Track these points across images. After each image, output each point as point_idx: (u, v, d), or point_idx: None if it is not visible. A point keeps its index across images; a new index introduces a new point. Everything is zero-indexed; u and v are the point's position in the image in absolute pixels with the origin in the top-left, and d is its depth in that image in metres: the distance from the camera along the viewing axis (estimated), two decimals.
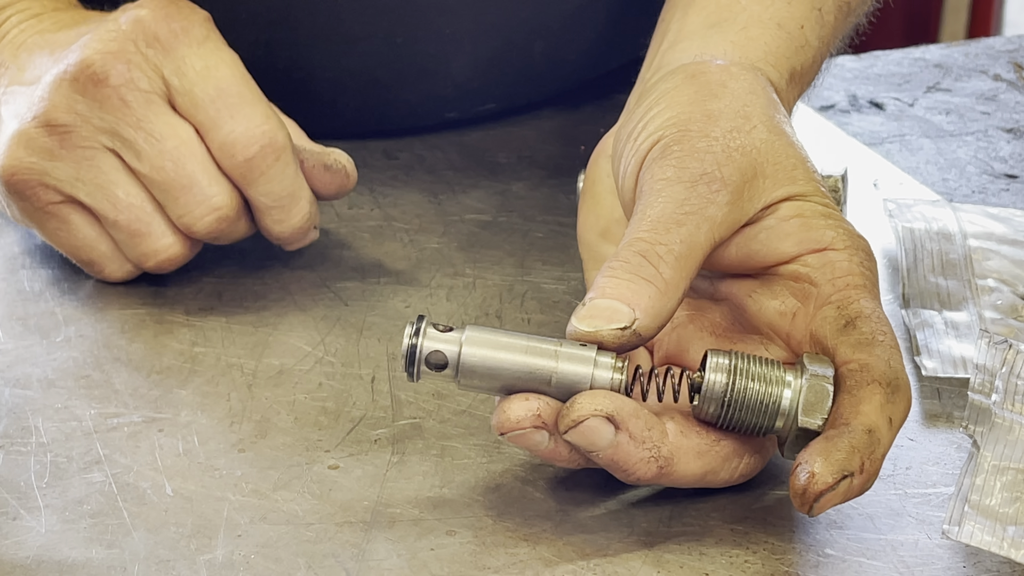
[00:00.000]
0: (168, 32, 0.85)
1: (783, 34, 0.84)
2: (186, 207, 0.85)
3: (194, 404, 0.81)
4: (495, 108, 1.08)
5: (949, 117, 1.14)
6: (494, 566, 0.70)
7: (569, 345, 0.70)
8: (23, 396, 0.81)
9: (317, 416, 0.80)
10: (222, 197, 0.85)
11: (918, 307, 0.89)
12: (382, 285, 0.92)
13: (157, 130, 0.84)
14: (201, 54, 0.85)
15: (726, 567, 0.71)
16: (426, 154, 1.06)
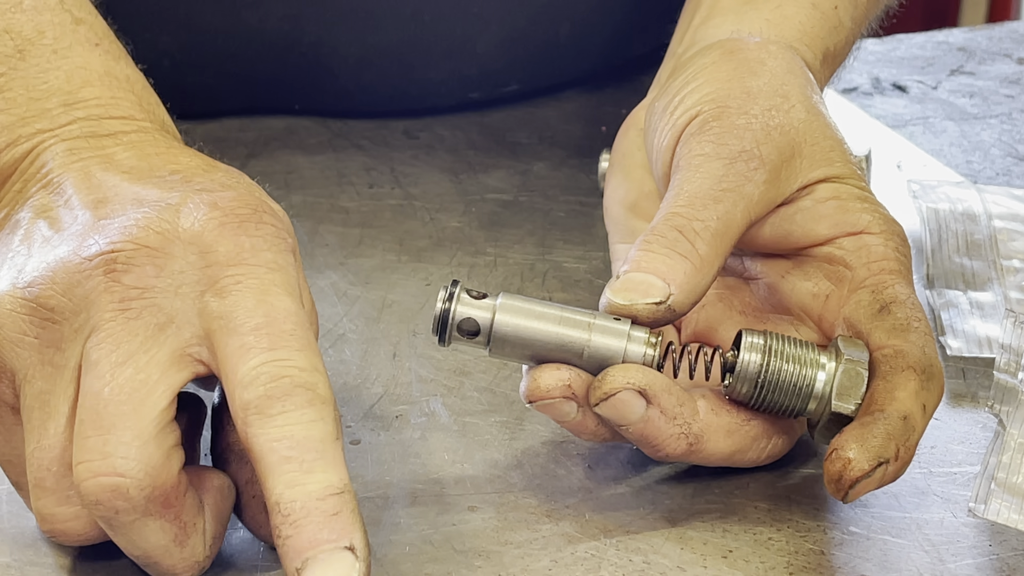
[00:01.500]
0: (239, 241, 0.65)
1: (817, 14, 0.83)
2: (85, 452, 0.62)
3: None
4: (518, 89, 1.08)
5: (973, 100, 1.13)
6: (516, 542, 0.70)
7: (603, 318, 0.70)
8: None
9: (339, 392, 0.80)
10: (134, 464, 0.61)
11: (943, 287, 0.88)
12: (403, 263, 0.92)
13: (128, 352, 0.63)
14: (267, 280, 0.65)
15: (750, 544, 0.70)
16: (447, 134, 1.05)
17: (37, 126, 0.70)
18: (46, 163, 0.69)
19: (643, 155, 0.81)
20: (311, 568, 0.61)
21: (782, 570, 0.69)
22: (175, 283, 0.64)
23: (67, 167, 0.69)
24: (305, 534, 0.61)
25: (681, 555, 0.69)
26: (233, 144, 1.03)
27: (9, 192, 0.69)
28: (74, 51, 0.72)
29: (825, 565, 0.69)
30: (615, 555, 0.69)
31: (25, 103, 0.70)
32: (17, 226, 0.68)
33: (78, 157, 0.69)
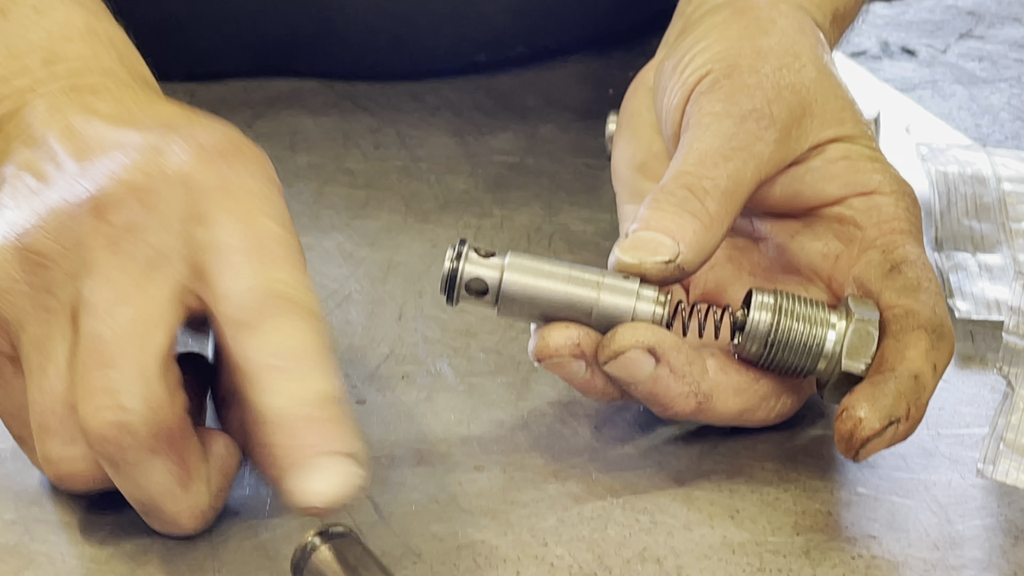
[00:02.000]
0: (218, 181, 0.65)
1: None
2: (89, 389, 0.61)
3: None
4: (525, 51, 1.07)
5: (982, 64, 1.12)
6: (522, 501, 0.70)
7: (612, 276, 0.70)
8: None
9: (344, 352, 0.80)
10: (136, 399, 0.61)
11: (951, 250, 0.88)
12: (409, 225, 0.91)
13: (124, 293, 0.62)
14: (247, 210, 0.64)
15: (757, 504, 0.70)
16: (453, 96, 1.05)
17: (16, 84, 0.70)
18: (28, 119, 0.69)
19: (652, 115, 0.80)
20: (309, 475, 0.59)
21: (789, 530, 0.68)
22: (164, 219, 0.63)
23: (49, 122, 0.68)
24: (300, 439, 0.60)
25: (688, 515, 0.69)
26: (238, 106, 1.02)
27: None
28: (56, 9, 0.72)
29: (832, 525, 0.69)
30: (621, 515, 0.69)
31: (5, 62, 0.70)
32: (2, 182, 0.67)
33: (59, 111, 0.68)
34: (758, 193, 0.74)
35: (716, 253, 0.73)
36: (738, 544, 0.68)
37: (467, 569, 0.65)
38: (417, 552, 0.66)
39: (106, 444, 0.61)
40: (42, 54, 0.71)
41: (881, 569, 0.66)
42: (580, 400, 0.76)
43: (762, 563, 0.66)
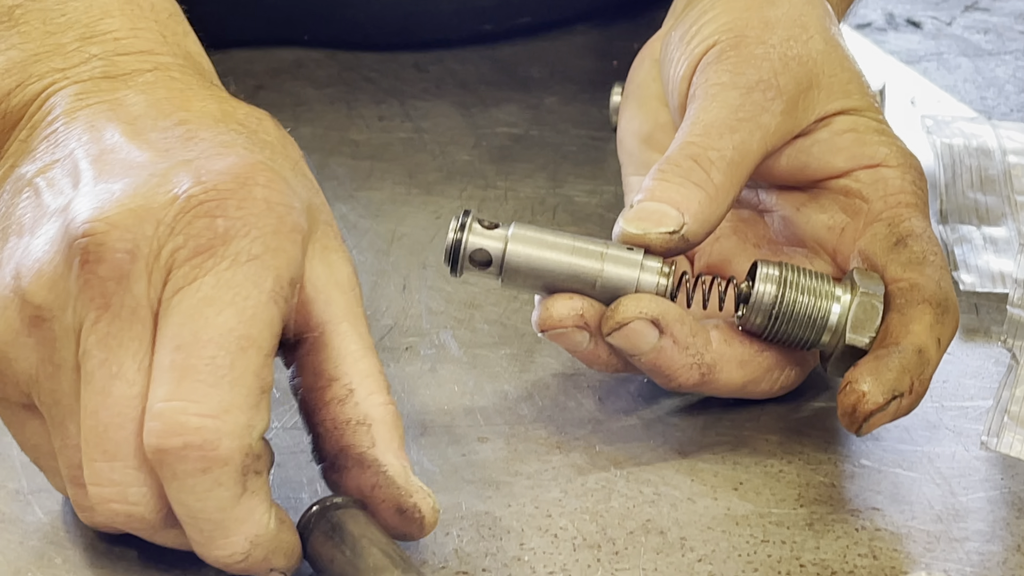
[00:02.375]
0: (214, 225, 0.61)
1: None
2: (96, 477, 0.60)
3: None
4: (530, 22, 1.07)
5: (987, 36, 1.12)
6: (526, 472, 0.70)
7: (616, 247, 0.70)
8: None
9: None
10: (139, 492, 0.60)
11: (956, 222, 0.88)
12: (412, 196, 0.91)
13: (117, 358, 0.60)
14: (229, 276, 0.60)
15: (760, 476, 0.70)
16: (457, 67, 1.05)
17: (50, 64, 0.68)
18: (53, 108, 0.67)
19: (658, 86, 0.80)
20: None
21: (793, 502, 0.68)
22: (147, 266, 0.60)
23: (73, 116, 0.66)
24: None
25: (691, 487, 0.69)
26: (242, 75, 1.02)
27: (15, 141, 0.67)
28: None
29: (836, 497, 0.69)
30: (625, 486, 0.69)
31: (40, 37, 0.68)
32: (19, 188, 0.65)
33: (85, 103, 0.66)
34: (764, 165, 0.74)
35: (721, 225, 0.73)
36: (741, 516, 0.68)
37: (470, 540, 0.66)
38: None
39: (122, 528, 0.61)
40: (80, 30, 0.68)
41: (884, 541, 0.66)
42: (584, 372, 0.76)
43: (765, 534, 0.66)
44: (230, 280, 0.60)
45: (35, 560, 0.64)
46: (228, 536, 0.59)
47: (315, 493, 0.66)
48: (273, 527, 0.60)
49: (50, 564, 0.63)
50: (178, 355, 0.59)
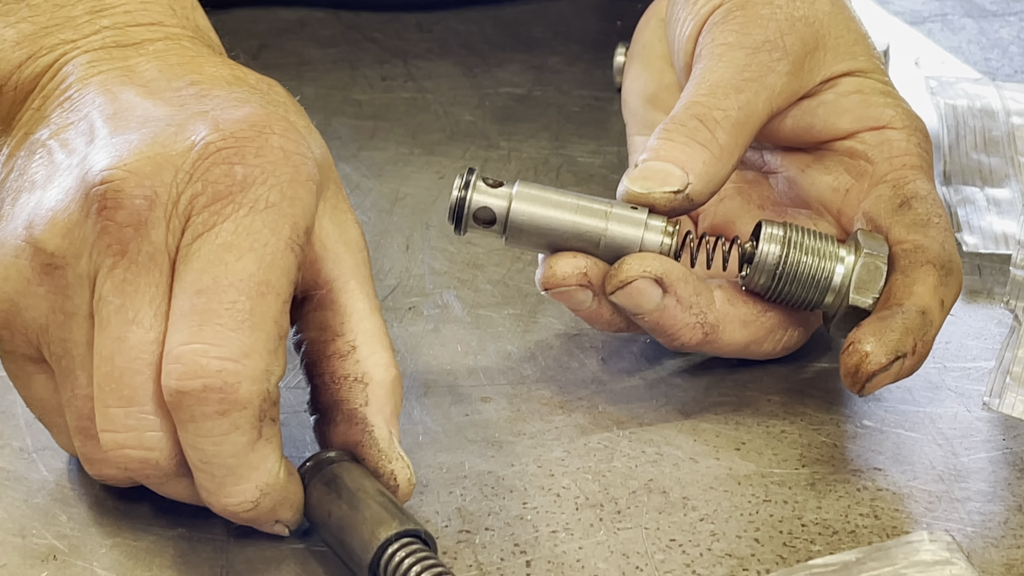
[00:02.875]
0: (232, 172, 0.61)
1: None
2: (111, 424, 0.60)
3: None
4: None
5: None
6: (529, 432, 0.70)
7: (620, 206, 0.69)
8: None
9: None
10: (155, 437, 0.60)
11: (960, 184, 0.88)
12: (416, 156, 0.91)
13: (134, 304, 0.60)
14: (248, 222, 0.60)
15: (763, 437, 0.70)
16: (461, 28, 1.04)
17: (61, 36, 0.67)
18: (66, 77, 0.66)
19: (664, 46, 0.80)
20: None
21: (795, 462, 0.69)
22: (165, 213, 0.60)
23: (86, 82, 0.65)
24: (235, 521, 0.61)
25: (694, 447, 0.69)
26: (244, 36, 1.02)
27: (28, 110, 0.67)
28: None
29: (838, 457, 0.69)
30: (628, 446, 0.69)
31: (50, 10, 0.68)
32: (33, 151, 0.65)
33: (98, 70, 0.66)
34: (769, 126, 0.74)
35: (725, 185, 0.73)
36: (744, 476, 0.68)
37: (473, 499, 0.66)
38: (424, 482, 0.67)
39: (133, 475, 0.61)
40: (89, 3, 0.68)
41: (886, 501, 0.66)
42: (587, 332, 0.76)
43: (767, 494, 0.67)
44: (249, 227, 0.60)
45: (40, 518, 0.64)
46: (239, 483, 0.60)
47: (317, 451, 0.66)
48: (283, 477, 0.61)
49: (55, 521, 0.64)
50: (199, 300, 0.59)
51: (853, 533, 0.65)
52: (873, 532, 0.65)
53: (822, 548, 0.64)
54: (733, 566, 0.63)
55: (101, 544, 0.63)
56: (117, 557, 0.62)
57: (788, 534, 0.65)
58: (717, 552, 0.63)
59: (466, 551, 0.63)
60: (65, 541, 0.63)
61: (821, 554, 0.63)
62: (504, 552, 0.63)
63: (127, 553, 0.62)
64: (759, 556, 0.63)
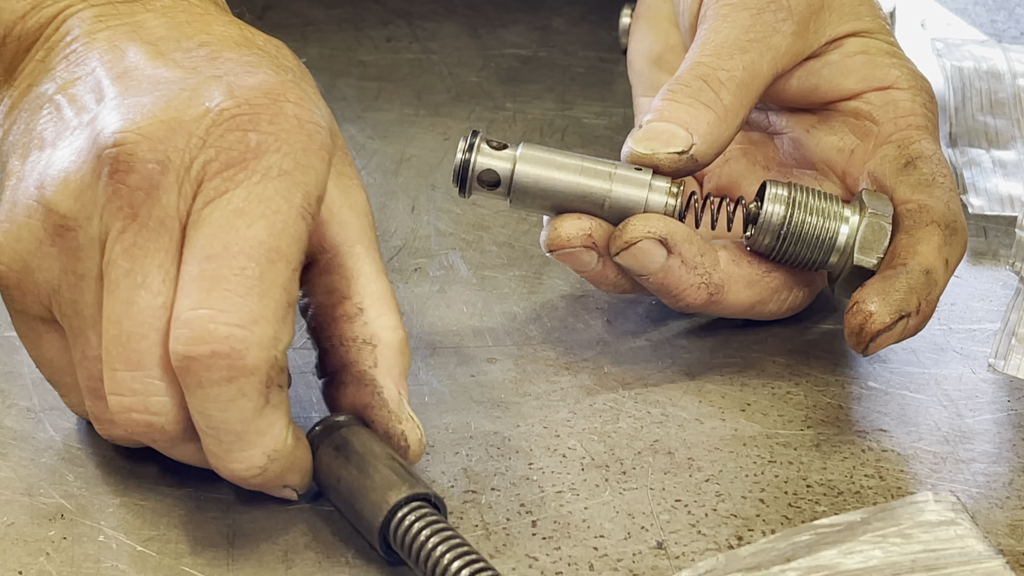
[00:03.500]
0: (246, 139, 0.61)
1: None
2: (118, 387, 0.60)
3: None
4: None
5: None
6: (534, 393, 0.70)
7: (624, 168, 0.69)
8: None
9: None
10: (161, 402, 0.60)
11: (965, 145, 0.88)
12: (421, 118, 0.91)
13: (143, 269, 0.60)
14: (260, 189, 0.60)
15: (768, 398, 0.70)
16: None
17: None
18: (71, 30, 0.66)
19: (669, 7, 0.80)
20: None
21: (800, 423, 0.69)
22: (177, 178, 0.60)
23: (92, 36, 0.65)
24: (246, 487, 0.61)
25: (699, 408, 0.70)
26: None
27: (31, 62, 0.66)
28: None
29: (843, 419, 0.69)
30: (633, 407, 0.70)
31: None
32: (39, 105, 0.64)
33: (105, 25, 0.65)
34: (774, 87, 0.73)
35: (730, 147, 0.73)
36: (749, 437, 0.68)
37: (479, 459, 0.66)
38: (430, 443, 0.67)
39: (140, 438, 0.61)
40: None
41: (891, 462, 0.67)
42: (592, 294, 0.77)
43: (773, 455, 0.67)
44: (261, 194, 0.60)
45: (48, 477, 0.64)
46: (247, 449, 0.60)
47: (324, 412, 0.66)
48: (291, 443, 0.61)
49: (63, 481, 0.64)
50: (208, 265, 0.59)
51: (858, 494, 0.65)
52: (878, 493, 0.65)
53: (827, 509, 0.64)
54: (738, 526, 0.63)
55: (108, 503, 0.63)
56: (124, 516, 0.62)
57: (793, 495, 0.65)
58: (722, 512, 0.64)
59: (472, 511, 0.63)
60: (72, 500, 0.63)
61: (826, 515, 0.64)
62: (510, 512, 0.63)
63: (134, 512, 0.62)
64: (764, 516, 0.64)
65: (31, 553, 0.60)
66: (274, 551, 0.61)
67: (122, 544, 0.61)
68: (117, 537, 0.61)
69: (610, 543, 0.62)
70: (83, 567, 0.60)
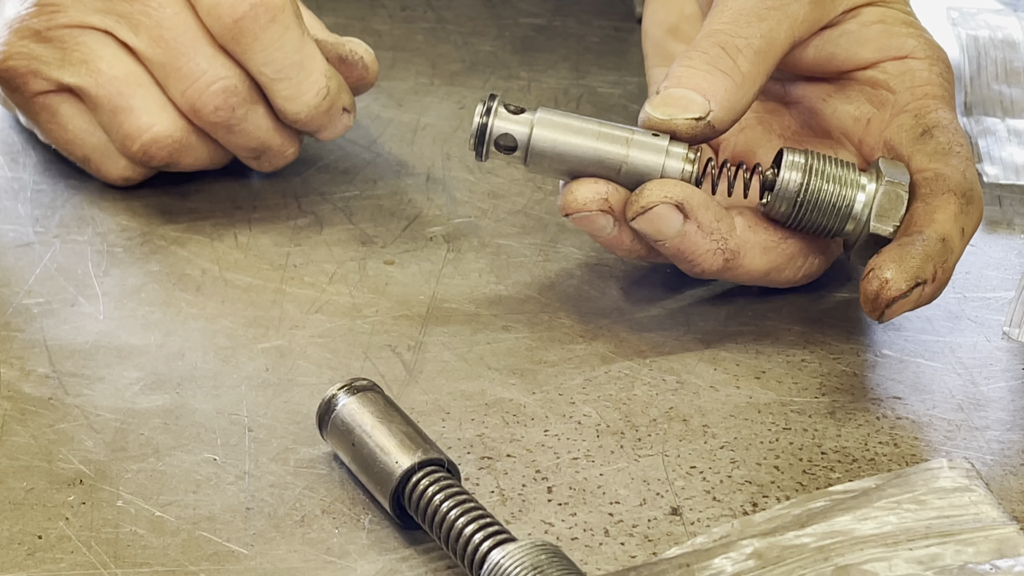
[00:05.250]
0: None
1: None
2: (189, 79, 0.76)
3: (250, 199, 0.80)
4: None
5: None
6: (550, 360, 0.70)
7: (641, 133, 0.69)
8: (79, 187, 0.80)
9: (372, 213, 0.80)
10: (223, 69, 0.76)
11: (980, 115, 0.88)
12: (435, 87, 0.91)
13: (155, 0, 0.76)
14: None
15: (783, 366, 0.71)
16: None
17: None
18: None
19: None
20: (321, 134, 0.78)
21: (815, 391, 0.69)
22: None
23: None
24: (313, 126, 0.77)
25: (714, 375, 0.70)
26: None
27: None
28: None
29: (857, 386, 0.69)
30: (648, 374, 0.70)
31: None
32: None
33: None
34: (791, 55, 0.73)
35: (747, 115, 0.73)
36: (764, 404, 0.68)
37: (495, 426, 0.66)
38: (446, 409, 0.67)
39: (220, 111, 0.76)
40: None
41: (905, 429, 0.67)
42: (608, 261, 0.77)
43: (787, 422, 0.67)
44: None
45: (66, 443, 0.64)
46: (311, 74, 0.76)
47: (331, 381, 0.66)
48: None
49: (81, 447, 0.64)
50: None
51: (872, 461, 0.65)
52: (892, 460, 0.65)
53: (842, 476, 0.64)
54: (753, 492, 0.63)
55: (126, 469, 0.63)
56: (142, 482, 0.63)
57: (808, 462, 0.65)
58: (737, 479, 0.64)
59: (488, 478, 0.64)
60: (91, 466, 0.63)
61: (840, 481, 0.64)
62: (526, 479, 0.64)
63: (152, 478, 0.63)
64: (779, 483, 0.64)
65: (50, 518, 0.61)
66: (291, 516, 0.61)
67: (140, 509, 0.61)
68: (135, 502, 0.62)
69: (625, 509, 0.62)
70: (102, 532, 0.60)
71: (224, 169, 0.81)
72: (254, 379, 0.68)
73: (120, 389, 0.67)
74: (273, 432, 0.65)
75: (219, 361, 0.69)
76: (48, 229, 0.77)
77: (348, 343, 0.71)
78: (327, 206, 0.80)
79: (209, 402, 0.67)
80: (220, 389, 0.68)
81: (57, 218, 0.78)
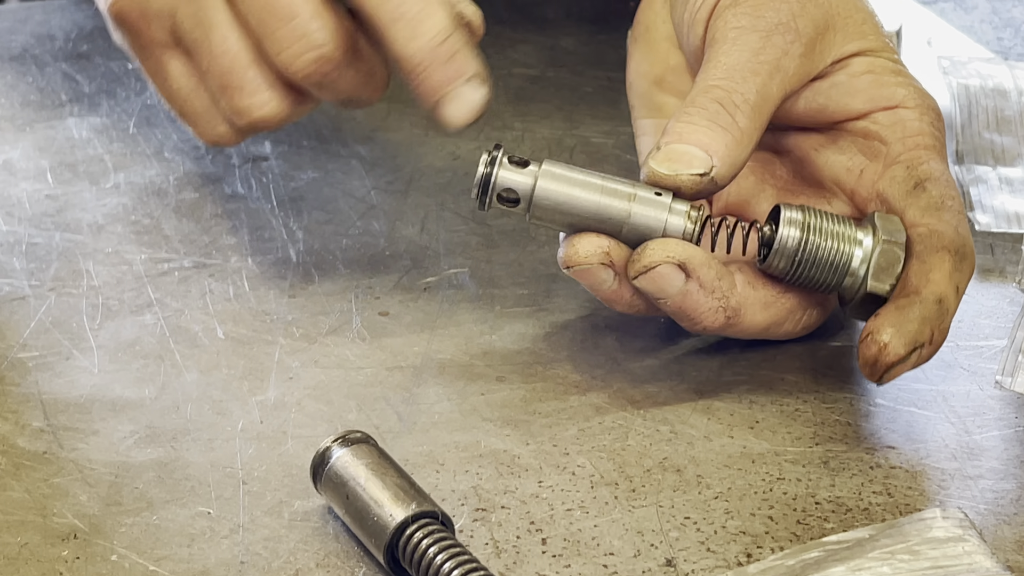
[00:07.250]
0: None
1: None
2: (284, 41, 0.73)
3: (243, 250, 0.81)
4: None
5: None
6: (544, 411, 0.71)
7: (644, 189, 0.70)
8: (74, 240, 0.81)
9: (367, 263, 0.80)
10: (324, 33, 0.72)
11: (972, 163, 0.88)
12: (429, 138, 0.91)
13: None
14: None
15: (777, 415, 0.71)
16: None
17: None
18: None
19: (669, 27, 0.80)
20: (445, 105, 0.73)
21: (808, 440, 0.69)
22: None
23: None
24: (433, 79, 0.72)
25: (708, 425, 0.70)
26: None
27: None
28: None
29: (851, 435, 0.69)
30: (643, 425, 0.70)
31: None
32: None
33: None
34: (783, 107, 0.74)
35: None
36: (758, 454, 0.68)
37: (489, 477, 0.66)
38: (440, 461, 0.67)
39: (313, 76, 0.73)
40: None
41: (899, 479, 0.67)
42: (602, 312, 0.77)
43: (781, 472, 0.67)
44: None
45: (60, 497, 0.64)
46: (434, 11, 0.72)
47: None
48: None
49: (75, 501, 0.64)
50: None
51: (866, 511, 0.65)
52: (886, 509, 0.65)
53: (835, 526, 0.64)
54: (747, 543, 0.63)
55: (121, 523, 0.63)
56: (136, 536, 0.63)
57: (802, 512, 0.65)
58: (731, 530, 0.64)
59: (482, 529, 0.64)
60: (85, 520, 0.63)
61: (835, 531, 0.64)
62: (520, 530, 0.64)
63: (146, 532, 0.63)
64: (773, 534, 0.64)
65: (45, 573, 0.61)
66: (285, 570, 0.61)
67: (134, 564, 0.61)
68: (129, 556, 0.62)
69: (620, 560, 0.62)
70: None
71: (217, 222, 0.82)
72: (248, 432, 0.68)
73: (114, 443, 0.67)
74: (267, 485, 0.65)
75: (213, 414, 0.69)
76: (43, 282, 0.78)
77: (342, 395, 0.71)
78: (322, 256, 0.81)
79: (203, 455, 0.67)
80: (214, 442, 0.68)
81: (52, 271, 0.79)
